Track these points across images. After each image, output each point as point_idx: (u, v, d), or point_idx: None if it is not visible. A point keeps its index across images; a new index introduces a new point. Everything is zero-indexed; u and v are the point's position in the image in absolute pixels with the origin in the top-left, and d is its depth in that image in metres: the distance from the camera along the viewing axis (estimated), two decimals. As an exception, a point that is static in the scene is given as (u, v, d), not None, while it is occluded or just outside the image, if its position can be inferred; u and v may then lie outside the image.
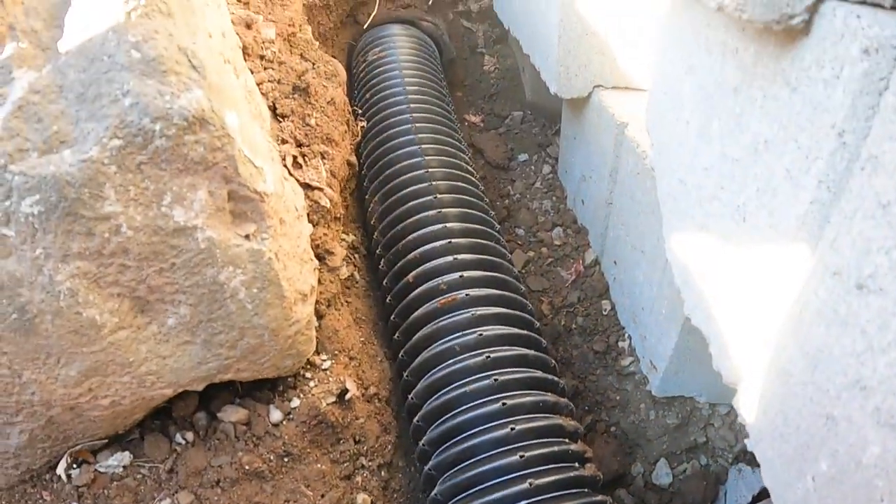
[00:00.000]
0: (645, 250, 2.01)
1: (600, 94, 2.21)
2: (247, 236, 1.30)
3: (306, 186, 1.68)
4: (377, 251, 2.12)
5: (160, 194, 1.18)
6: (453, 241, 1.96)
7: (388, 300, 2.01)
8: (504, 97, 3.13)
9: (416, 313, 1.89)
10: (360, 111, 2.46)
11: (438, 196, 2.07)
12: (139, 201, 1.17)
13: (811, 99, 1.00)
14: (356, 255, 2.17)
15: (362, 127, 2.24)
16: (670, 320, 1.90)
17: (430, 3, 3.01)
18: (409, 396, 1.83)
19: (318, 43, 2.11)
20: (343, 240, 2.04)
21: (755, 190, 1.18)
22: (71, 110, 1.11)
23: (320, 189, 1.69)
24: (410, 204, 2.06)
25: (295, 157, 1.69)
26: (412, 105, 2.35)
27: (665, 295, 1.90)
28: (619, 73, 2.20)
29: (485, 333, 1.78)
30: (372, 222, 2.18)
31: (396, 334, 1.95)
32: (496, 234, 2.14)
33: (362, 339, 1.91)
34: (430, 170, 2.14)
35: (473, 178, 2.29)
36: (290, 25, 1.91)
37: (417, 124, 2.29)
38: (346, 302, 1.96)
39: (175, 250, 1.23)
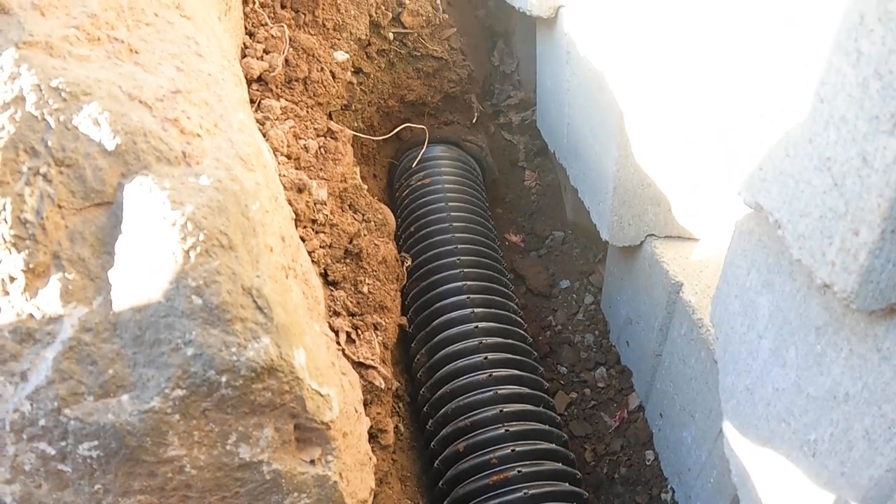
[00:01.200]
0: (695, 415, 1.95)
1: (653, 244, 2.17)
2: (312, 461, 1.26)
3: (360, 365, 1.63)
4: (424, 408, 2.07)
5: (225, 435, 1.13)
6: (504, 409, 1.91)
7: (435, 464, 1.95)
8: (544, 215, 3.09)
9: (465, 487, 1.83)
10: (403, 244, 2.42)
11: (488, 357, 2.02)
12: (203, 443, 1.12)
13: (902, 375, 0.96)
14: (400, 404, 2.12)
15: (407, 267, 2.20)
16: (719, 491, 1.84)
17: (475, 120, 2.97)
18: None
19: (366, 186, 2.08)
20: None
21: (829, 434, 1.14)
22: (127, 352, 1.06)
23: (374, 368, 1.65)
24: (460, 364, 2.01)
25: (349, 334, 1.65)
26: (459, 246, 2.31)
27: (715, 465, 1.84)
28: (673, 223, 2.16)
29: (537, 515, 1.73)
30: (418, 375, 2.12)
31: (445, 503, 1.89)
32: (545, 394, 2.08)
33: (410, 505, 1.86)
34: (479, 324, 2.09)
35: (522, 331, 2.24)
36: (341, 181, 1.87)
37: (465, 269, 2.25)
38: (393, 460, 1.90)
39: (239, 482, 1.19)
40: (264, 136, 1.77)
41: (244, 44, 2.03)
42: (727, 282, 1.50)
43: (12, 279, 1.03)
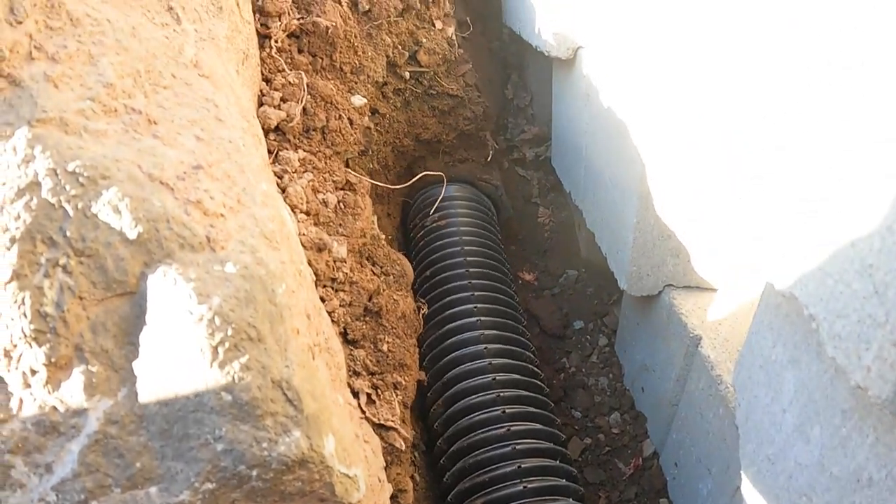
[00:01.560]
0: (712, 470, 1.93)
1: (671, 294, 2.15)
2: (337, 538, 1.25)
3: (380, 427, 1.62)
4: (441, 460, 2.05)
5: (253, 523, 1.12)
6: (523, 464, 1.90)
7: (453, 519, 1.95)
8: (558, 252, 3.07)
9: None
10: (419, 287, 2.41)
11: (506, 410, 2.01)
12: (231, 531, 1.11)
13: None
14: (416, 453, 2.10)
15: (423, 314, 2.19)
16: (735, 548, 1.83)
17: (490, 158, 2.96)
18: None
19: (383, 235, 2.07)
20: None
21: (852, 515, 1.13)
22: (154, 444, 1.04)
23: (395, 429, 1.63)
24: (477, 418, 2.00)
25: (369, 395, 1.63)
26: (476, 293, 2.30)
27: (732, 521, 1.83)
28: (692, 273, 2.14)
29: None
30: (435, 426, 2.11)
31: (462, 560, 1.88)
32: (561, 447, 2.07)
33: (427, 561, 1.85)
34: (496, 376, 2.08)
35: (539, 381, 2.23)
36: (361, 236, 1.86)
37: (482, 318, 2.23)
38: (409, 511, 1.89)
39: (265, 567, 1.18)
40: (283, 191, 1.75)
41: (261, 91, 2.02)
42: (752, 351, 1.49)
43: (34, 372, 1.01)
